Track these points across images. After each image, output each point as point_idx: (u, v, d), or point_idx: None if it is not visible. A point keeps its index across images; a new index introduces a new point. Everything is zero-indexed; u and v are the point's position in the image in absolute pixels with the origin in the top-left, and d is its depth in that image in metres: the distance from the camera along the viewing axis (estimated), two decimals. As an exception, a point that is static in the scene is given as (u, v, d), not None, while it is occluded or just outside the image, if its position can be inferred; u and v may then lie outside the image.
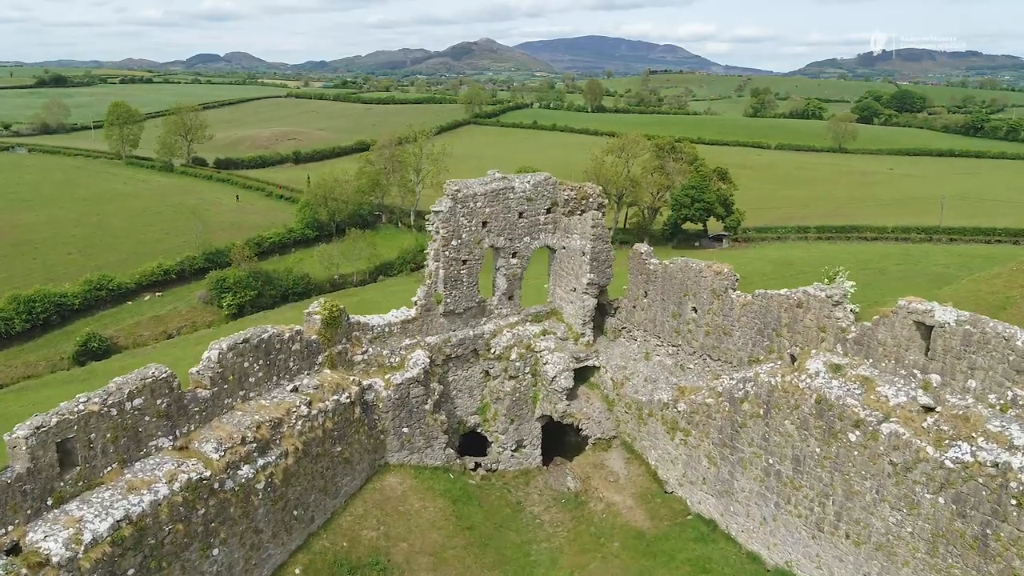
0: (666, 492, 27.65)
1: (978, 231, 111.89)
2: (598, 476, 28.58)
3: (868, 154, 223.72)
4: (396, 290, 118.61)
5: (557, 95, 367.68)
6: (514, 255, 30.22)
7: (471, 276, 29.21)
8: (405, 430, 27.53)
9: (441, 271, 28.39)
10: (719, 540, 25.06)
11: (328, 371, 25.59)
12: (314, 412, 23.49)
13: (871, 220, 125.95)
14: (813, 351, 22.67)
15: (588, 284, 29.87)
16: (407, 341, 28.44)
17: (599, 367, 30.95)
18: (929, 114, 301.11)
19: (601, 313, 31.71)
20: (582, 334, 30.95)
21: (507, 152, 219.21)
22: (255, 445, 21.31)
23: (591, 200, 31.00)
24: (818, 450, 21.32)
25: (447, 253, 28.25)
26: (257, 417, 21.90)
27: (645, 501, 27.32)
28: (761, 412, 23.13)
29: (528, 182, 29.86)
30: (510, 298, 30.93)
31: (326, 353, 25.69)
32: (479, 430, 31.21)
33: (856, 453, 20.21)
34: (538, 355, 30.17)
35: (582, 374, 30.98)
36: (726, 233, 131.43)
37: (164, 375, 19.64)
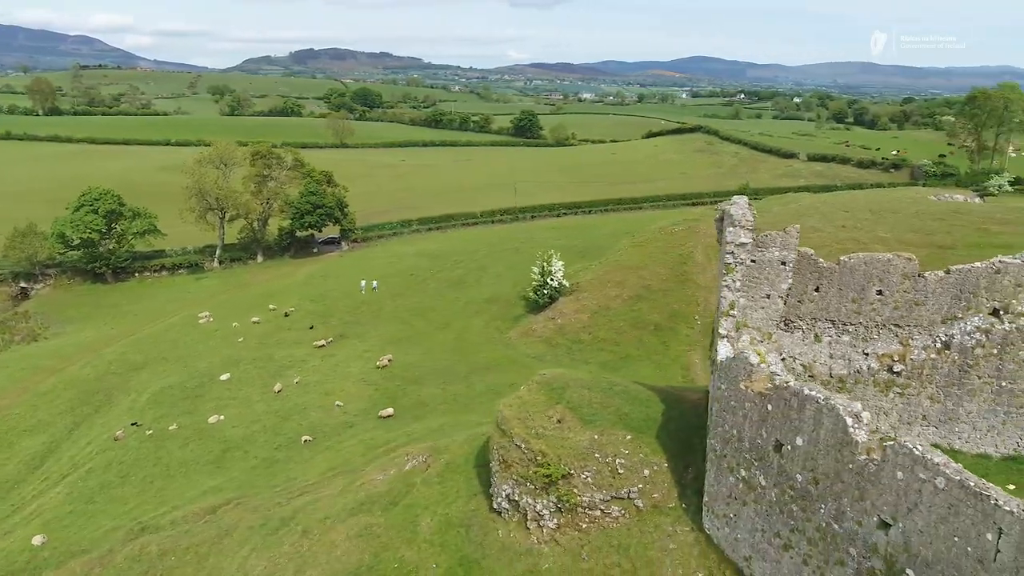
0: (878, 440, 34.37)
1: (543, 207, 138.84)
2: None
3: (369, 148, 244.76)
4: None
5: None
6: (739, 276, 31.94)
7: (745, 301, 30.10)
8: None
9: (742, 300, 28.74)
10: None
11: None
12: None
13: (432, 210, 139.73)
14: (1012, 301, 32.57)
15: (787, 288, 33.73)
16: (738, 376, 28.06)
17: (784, 359, 35.15)
18: (387, 109, 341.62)
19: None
20: (771, 334, 34.60)
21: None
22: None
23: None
24: (1052, 364, 31.56)
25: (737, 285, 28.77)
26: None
27: (885, 451, 33.52)
28: (995, 352, 32.10)
29: (739, 207, 31.81)
30: (730, 316, 32.43)
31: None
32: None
33: (1086, 357, 31.05)
34: (762, 362, 32.77)
35: (770, 370, 34.66)
36: (337, 236, 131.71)
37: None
